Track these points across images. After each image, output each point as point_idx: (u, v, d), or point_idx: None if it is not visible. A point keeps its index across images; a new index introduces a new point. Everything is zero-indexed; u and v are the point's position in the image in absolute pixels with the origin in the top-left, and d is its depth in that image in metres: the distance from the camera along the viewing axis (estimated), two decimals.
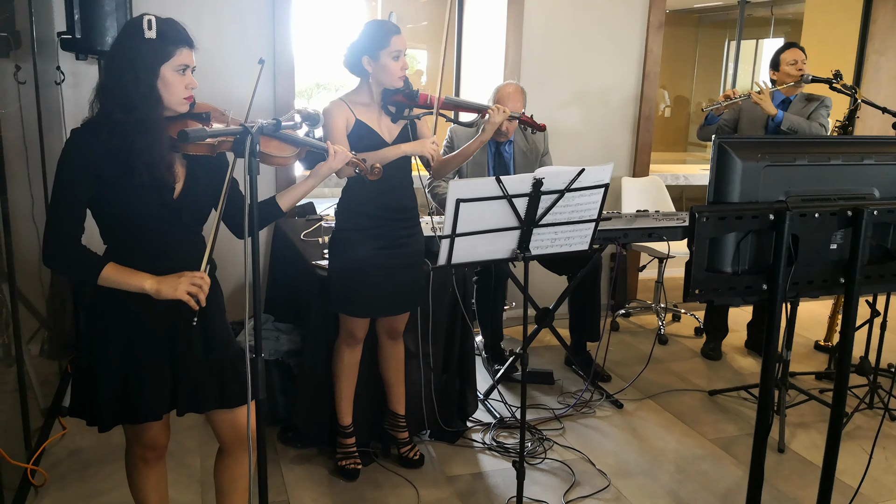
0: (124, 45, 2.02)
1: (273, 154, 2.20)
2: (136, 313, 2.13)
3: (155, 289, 2.04)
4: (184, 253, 2.17)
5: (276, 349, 3.59)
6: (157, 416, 2.20)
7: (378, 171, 2.60)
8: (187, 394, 2.21)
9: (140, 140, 2.00)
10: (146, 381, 2.14)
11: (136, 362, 2.13)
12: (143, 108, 2.00)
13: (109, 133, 2.00)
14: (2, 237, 2.97)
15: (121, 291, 2.07)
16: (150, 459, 2.37)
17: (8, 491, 2.77)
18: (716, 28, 11.98)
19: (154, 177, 2.04)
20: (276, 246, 4.35)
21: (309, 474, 3.27)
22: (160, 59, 2.01)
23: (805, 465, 3.47)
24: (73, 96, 4.12)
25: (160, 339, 2.16)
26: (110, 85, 2.01)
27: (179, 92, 2.06)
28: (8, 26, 3.13)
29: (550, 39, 5.07)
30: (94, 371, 2.13)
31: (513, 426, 3.71)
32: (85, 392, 2.16)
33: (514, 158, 4.15)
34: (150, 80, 2.00)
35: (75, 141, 2.02)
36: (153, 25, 1.99)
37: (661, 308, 5.27)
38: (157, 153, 2.02)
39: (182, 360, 2.19)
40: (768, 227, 1.85)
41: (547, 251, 2.72)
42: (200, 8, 4.21)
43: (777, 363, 3.45)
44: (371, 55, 2.88)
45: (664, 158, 9.39)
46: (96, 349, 2.13)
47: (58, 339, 3.94)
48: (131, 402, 2.14)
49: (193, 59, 2.09)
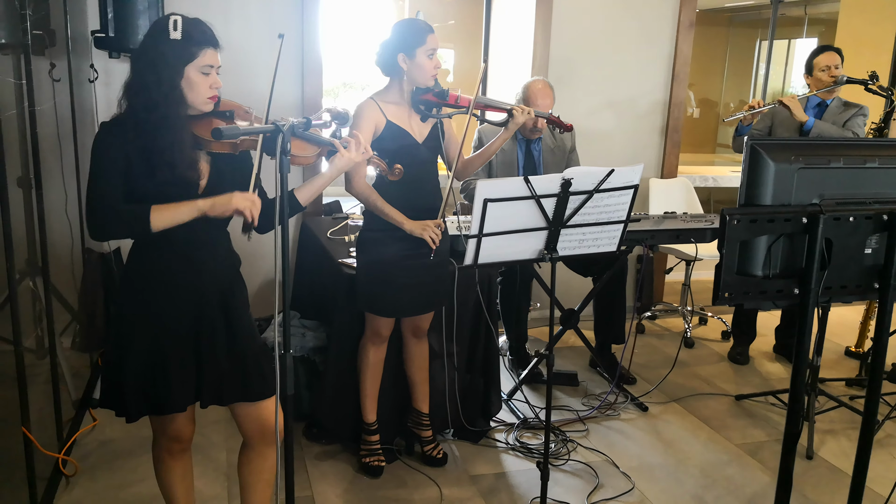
0: (149, 44, 2.06)
1: (296, 154, 2.20)
2: (163, 306, 2.16)
3: (209, 205, 2.06)
4: (209, 248, 2.21)
5: (301, 346, 3.61)
6: (181, 408, 2.23)
7: (399, 172, 2.62)
8: (211, 386, 2.24)
9: (162, 139, 2.02)
10: (172, 373, 2.17)
11: (163, 355, 2.17)
12: (164, 108, 2.03)
13: (134, 131, 2.03)
14: (36, 232, 3.02)
15: (147, 283, 2.13)
16: (176, 451, 2.40)
17: (40, 480, 2.81)
18: (747, 28, 11.86)
19: (176, 175, 2.06)
20: (303, 243, 4.38)
21: (333, 470, 3.29)
22: (184, 60, 2.04)
23: (834, 472, 3.43)
24: (106, 94, 4.18)
25: (186, 332, 2.19)
26: (135, 84, 2.05)
27: (204, 92, 2.08)
28: (43, 25, 3.17)
29: (579, 38, 5.05)
30: (121, 363, 2.16)
31: (536, 427, 3.71)
32: (113, 384, 2.19)
33: (542, 156, 4.15)
34: (172, 79, 2.03)
35: (106, 133, 2.06)
36: (178, 26, 2.01)
37: (688, 311, 5.23)
38: (179, 152, 2.05)
39: (207, 354, 2.22)
40: (801, 230, 1.83)
41: (574, 252, 2.72)
42: (229, 6, 4.25)
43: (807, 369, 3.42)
44: (407, 53, 2.89)
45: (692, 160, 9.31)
46: (124, 341, 2.17)
47: (89, 333, 4.00)
48: (157, 393, 2.18)
49: (219, 59, 2.11)
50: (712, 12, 11.49)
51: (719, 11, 11.56)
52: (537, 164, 4.14)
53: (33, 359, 3.00)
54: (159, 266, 2.16)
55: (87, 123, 4.02)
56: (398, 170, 2.60)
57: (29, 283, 3.03)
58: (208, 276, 2.21)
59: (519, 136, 4.09)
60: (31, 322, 3.01)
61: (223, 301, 2.24)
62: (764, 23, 10.87)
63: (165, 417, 2.28)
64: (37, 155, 2.98)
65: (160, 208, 2.03)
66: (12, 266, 2.54)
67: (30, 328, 3.02)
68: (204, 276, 2.20)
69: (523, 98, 3.96)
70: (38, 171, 3.00)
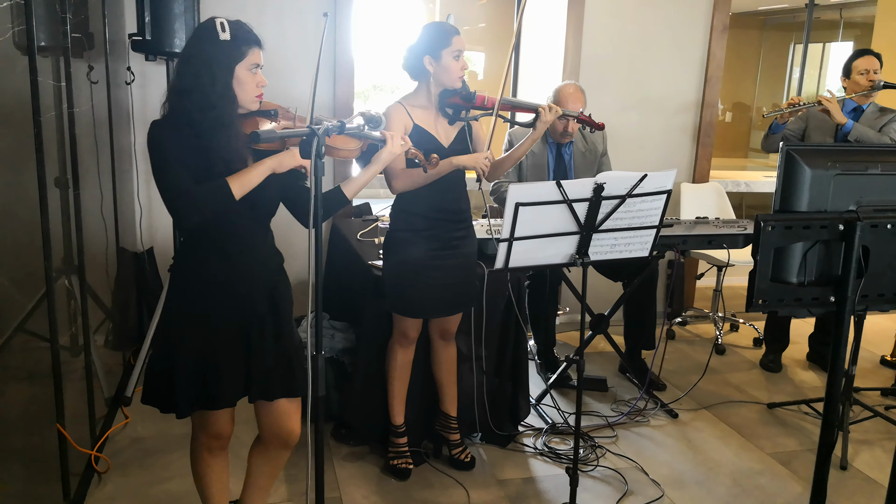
0: (199, 47, 2.11)
1: (339, 147, 2.28)
2: (211, 306, 2.21)
3: (277, 162, 2.15)
4: (257, 244, 2.28)
5: (331, 347, 3.63)
6: (231, 403, 2.27)
7: (435, 161, 2.66)
8: (259, 381, 2.28)
9: (218, 137, 2.09)
10: (222, 369, 2.22)
11: (213, 353, 2.21)
12: (220, 107, 2.09)
13: (189, 130, 2.08)
14: (73, 231, 3.06)
15: (194, 285, 2.20)
16: (215, 449, 2.43)
17: (73, 476, 2.85)
18: (781, 31, 11.73)
19: (231, 171, 2.12)
20: (333, 245, 4.40)
21: (361, 472, 3.30)
22: (235, 59, 2.11)
23: (868, 483, 3.38)
24: (142, 96, 4.24)
25: (235, 329, 2.24)
26: (187, 86, 2.09)
27: (251, 90, 2.16)
28: (82, 28, 3.23)
29: (611, 42, 5.03)
30: (172, 362, 2.21)
31: (565, 432, 3.69)
32: (162, 380, 2.23)
33: (573, 159, 4.14)
34: (226, 79, 2.10)
35: (160, 128, 2.11)
36: (226, 27, 2.08)
37: (719, 317, 5.19)
38: (235, 149, 2.12)
39: (256, 349, 2.26)
40: (837, 237, 1.81)
41: (606, 257, 2.71)
42: (263, 9, 4.29)
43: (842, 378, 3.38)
44: (433, 55, 2.90)
45: (724, 164, 9.23)
46: (174, 341, 2.22)
47: (122, 331, 4.06)
48: (208, 388, 2.22)
49: (262, 58, 2.18)
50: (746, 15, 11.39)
51: (753, 14, 11.45)
52: (568, 168, 4.12)
53: (68, 356, 3.04)
54: (206, 267, 2.22)
55: (123, 125, 4.08)
56: (435, 159, 2.65)
57: (65, 282, 3.08)
58: (255, 275, 2.26)
59: (550, 140, 4.09)
60: (67, 320, 3.06)
61: (271, 297, 2.30)
62: (798, 26, 10.75)
63: (208, 414, 2.31)
64: (74, 156, 3.03)
65: (234, 177, 2.10)
66: (49, 265, 2.58)
67: (65, 326, 3.07)
68: (250, 275, 2.25)
69: (554, 102, 3.95)
70: (76, 172, 3.05)
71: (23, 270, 2.54)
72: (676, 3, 5.10)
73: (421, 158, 2.59)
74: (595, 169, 4.16)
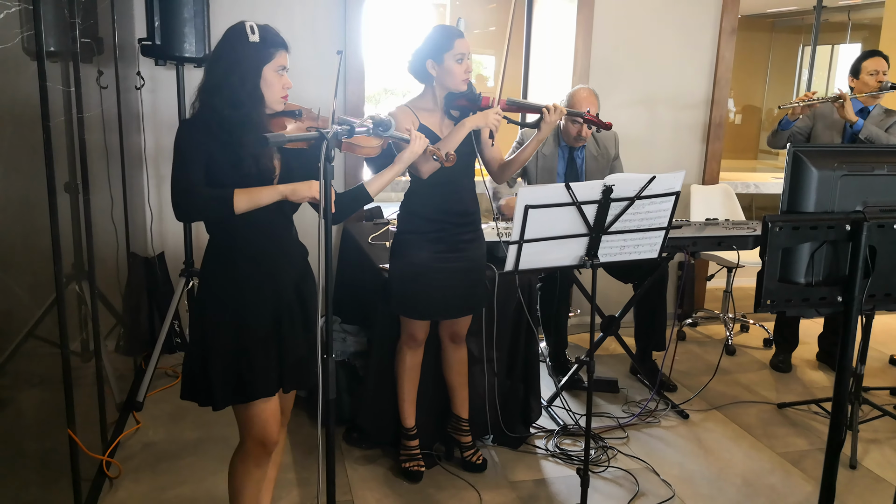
0: (230, 48, 2.18)
1: (361, 144, 2.35)
2: (243, 305, 2.25)
3: (291, 189, 2.21)
4: (283, 238, 2.33)
5: (342, 350, 3.64)
6: (268, 392, 2.29)
7: (453, 158, 2.71)
8: (292, 370, 2.32)
9: (248, 133, 2.15)
10: (256, 359, 2.25)
11: (246, 349, 2.25)
12: (249, 106, 2.17)
13: (219, 128, 2.15)
14: (83, 236, 3.08)
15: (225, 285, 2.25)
16: (261, 456, 2.40)
17: (85, 481, 2.86)
18: (790, 33, 11.72)
19: (260, 167, 2.19)
20: (345, 248, 4.42)
21: (373, 475, 3.31)
22: (263, 61, 2.18)
23: (878, 482, 3.37)
24: (152, 100, 4.26)
25: (266, 325, 2.28)
26: (217, 85, 2.17)
27: (278, 91, 2.23)
28: (91, 33, 3.25)
29: (620, 45, 5.03)
30: (206, 361, 2.24)
31: (576, 434, 3.69)
32: (199, 377, 2.27)
33: (585, 163, 4.14)
34: (254, 79, 2.18)
35: (188, 128, 2.19)
36: (256, 30, 2.16)
37: (730, 318, 5.17)
38: (262, 146, 2.16)
39: (286, 339, 2.31)
40: (845, 238, 1.81)
41: (615, 258, 2.71)
42: (274, 14, 4.31)
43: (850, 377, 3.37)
44: (435, 58, 2.91)
45: (734, 166, 9.22)
46: (207, 342, 2.25)
47: (133, 336, 4.07)
48: (243, 380, 2.25)
49: (288, 60, 2.25)
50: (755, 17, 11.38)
51: (762, 17, 11.44)
52: (580, 172, 4.13)
53: (78, 361, 3.05)
54: (234, 266, 2.26)
55: (133, 130, 4.10)
56: (452, 157, 2.70)
57: (75, 287, 3.09)
58: (281, 269, 2.31)
59: (562, 143, 4.09)
60: (77, 325, 3.07)
61: (298, 290, 2.35)
62: (807, 28, 10.72)
63: (252, 415, 2.32)
64: (84, 161, 3.05)
65: (242, 192, 2.15)
66: (60, 270, 2.60)
67: (76, 331, 3.08)
68: (276, 270, 2.30)
69: (568, 105, 3.95)
70: (86, 177, 3.06)
71: (33, 276, 2.55)
72: (685, 5, 5.10)
73: (440, 155, 2.64)
74: (607, 172, 4.15)
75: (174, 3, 3.67)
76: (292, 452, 3.41)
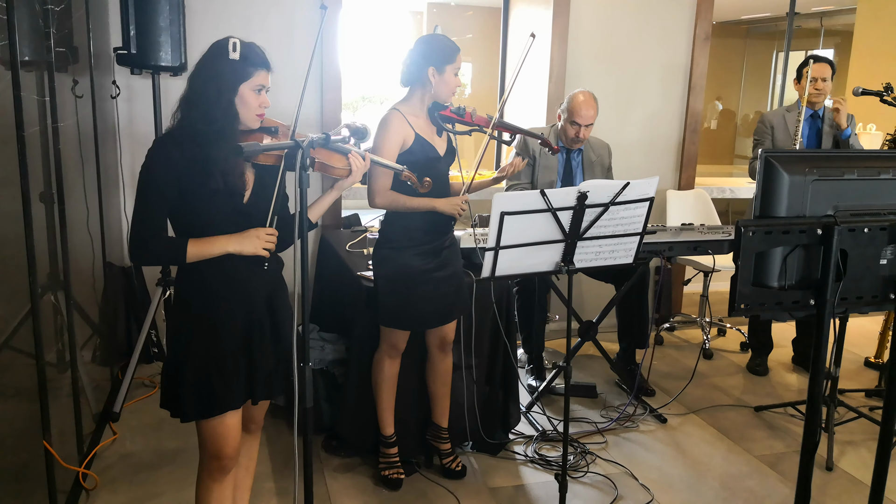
0: (210, 62, 2.18)
1: (335, 165, 2.33)
2: (216, 316, 2.25)
3: (239, 248, 2.20)
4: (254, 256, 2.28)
5: (321, 358, 3.63)
6: (233, 405, 2.28)
7: (427, 184, 2.73)
8: (261, 381, 2.31)
9: (217, 150, 2.14)
10: (228, 372, 2.25)
11: (217, 360, 2.24)
12: (222, 121, 2.16)
13: (191, 142, 2.14)
14: (58, 246, 3.06)
15: (198, 296, 2.24)
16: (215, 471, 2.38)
17: (61, 493, 2.83)
18: (764, 39, 11.85)
19: (228, 183, 2.18)
20: (322, 256, 4.41)
21: (353, 483, 3.30)
22: (241, 78, 2.17)
23: (854, 483, 3.41)
24: (128, 110, 4.24)
25: (238, 336, 2.27)
26: (194, 98, 2.16)
27: (254, 109, 2.22)
28: (66, 42, 3.23)
29: (595, 52, 5.07)
30: (180, 371, 2.24)
31: (555, 439, 3.70)
32: (173, 385, 2.27)
33: (581, 167, 4.20)
34: (229, 96, 2.17)
35: (160, 148, 2.17)
36: (237, 48, 2.15)
37: (707, 322, 5.21)
38: (232, 162, 2.17)
39: (257, 352, 2.30)
40: (816, 241, 1.83)
41: (591, 264, 2.73)
42: (250, 22, 4.29)
43: (825, 380, 3.40)
44: (438, 67, 2.95)
45: (710, 171, 9.30)
46: (181, 350, 2.25)
47: (109, 346, 4.04)
48: (214, 392, 2.24)
49: (269, 80, 2.24)
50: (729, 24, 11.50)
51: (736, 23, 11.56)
52: (575, 174, 4.19)
53: (54, 372, 3.03)
54: (204, 283, 2.25)
55: (109, 139, 4.07)
56: (427, 182, 2.72)
57: (50, 298, 3.06)
58: (253, 286, 2.30)
59: (561, 144, 4.16)
60: (53, 336, 3.04)
61: (269, 304, 2.34)
62: (781, 34, 10.85)
63: (211, 429, 2.30)
64: (59, 170, 3.02)
65: (196, 242, 2.16)
66: (35, 280, 2.57)
67: (51, 342, 3.05)
68: (251, 283, 2.29)
69: (567, 109, 4.04)
70: (61, 187, 3.04)
71: (8, 286, 2.53)
72: (659, 12, 5.15)
73: (414, 181, 2.64)
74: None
75: (150, 12, 3.65)
76: (271, 461, 3.39)
